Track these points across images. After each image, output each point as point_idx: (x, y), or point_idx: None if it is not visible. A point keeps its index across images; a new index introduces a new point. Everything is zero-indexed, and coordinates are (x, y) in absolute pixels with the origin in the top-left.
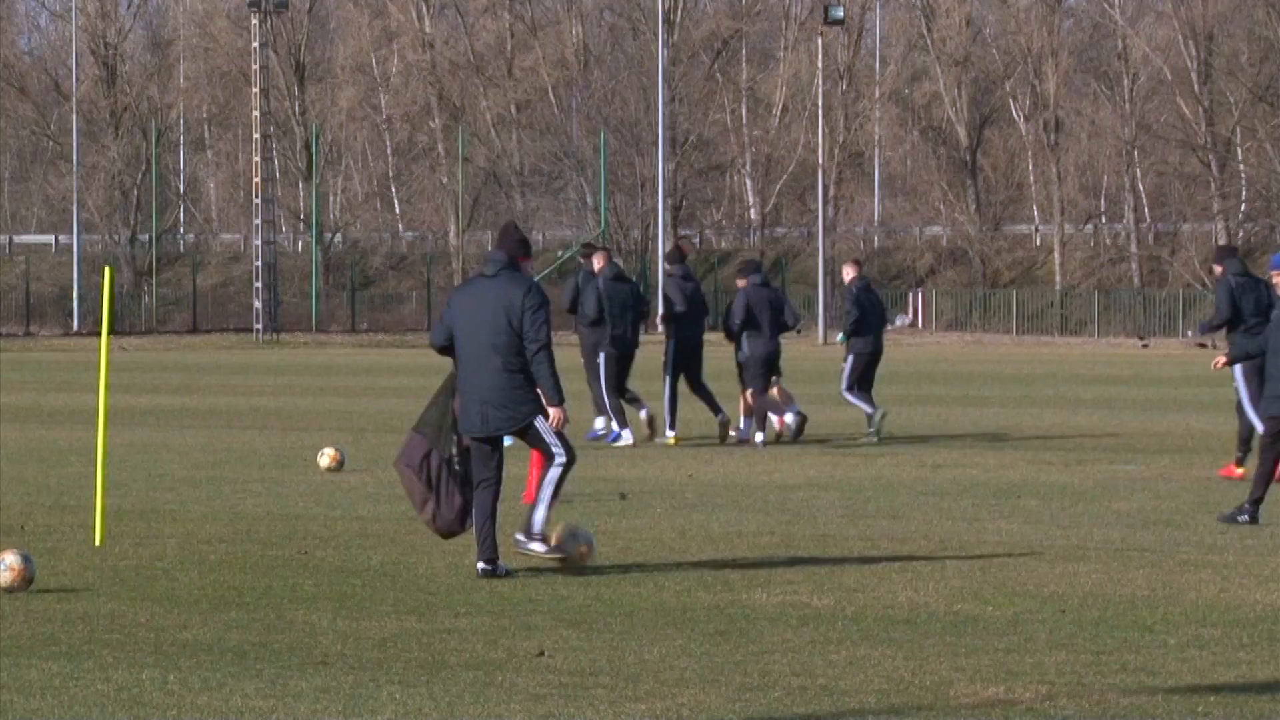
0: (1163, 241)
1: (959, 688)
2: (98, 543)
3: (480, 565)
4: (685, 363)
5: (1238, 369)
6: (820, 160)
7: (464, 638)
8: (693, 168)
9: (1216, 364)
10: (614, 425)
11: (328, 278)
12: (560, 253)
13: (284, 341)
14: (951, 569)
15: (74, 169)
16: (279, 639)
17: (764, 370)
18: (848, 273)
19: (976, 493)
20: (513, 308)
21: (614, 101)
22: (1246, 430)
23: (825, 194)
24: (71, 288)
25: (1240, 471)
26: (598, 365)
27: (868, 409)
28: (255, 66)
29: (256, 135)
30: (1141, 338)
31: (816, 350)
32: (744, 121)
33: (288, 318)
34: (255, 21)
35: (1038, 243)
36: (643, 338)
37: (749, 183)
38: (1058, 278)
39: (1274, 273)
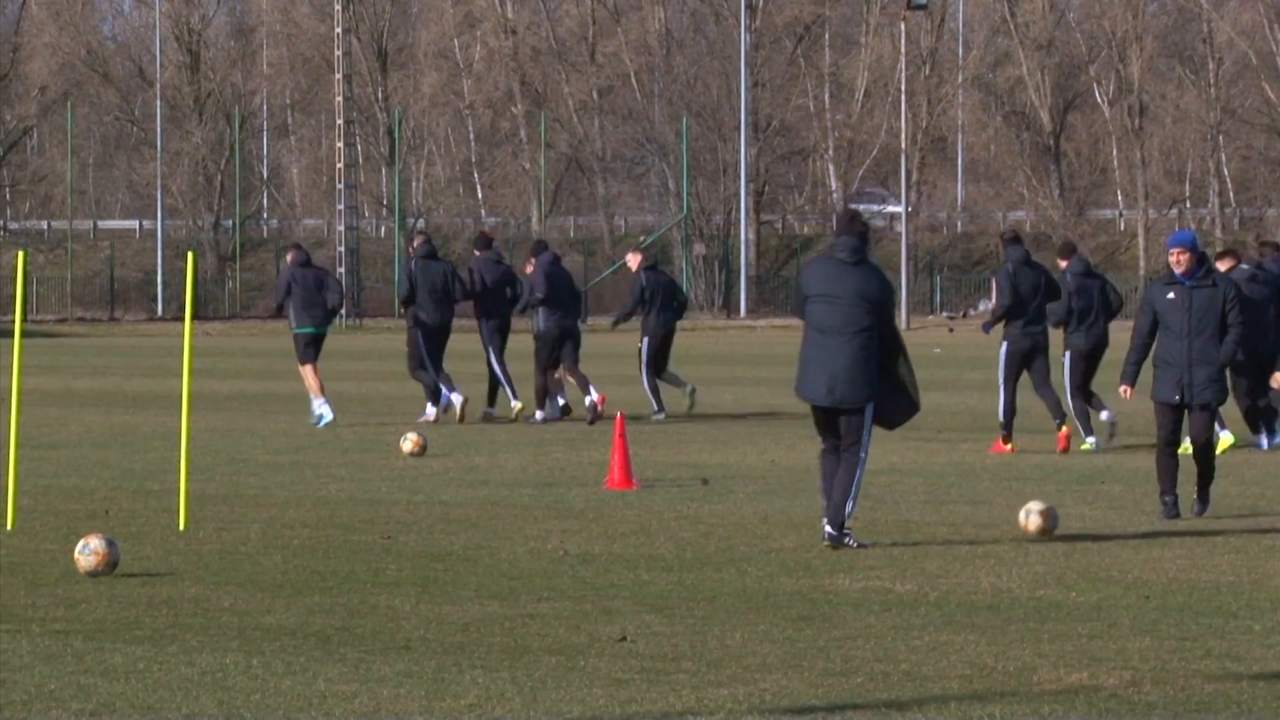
0: (1248, 226)
1: (1042, 674)
2: (181, 527)
3: (827, 531)
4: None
5: (1001, 352)
6: (903, 145)
7: (546, 622)
8: (775, 153)
9: (1125, 394)
10: (448, 392)
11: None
12: (643, 238)
13: (366, 326)
14: (1034, 554)
15: (158, 155)
16: (362, 623)
17: (554, 348)
18: (633, 260)
19: (1060, 478)
20: (872, 297)
21: (696, 87)
22: (1009, 409)
23: (908, 179)
24: (155, 273)
25: (1010, 447)
26: (417, 341)
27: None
28: (338, 53)
29: (339, 121)
30: None
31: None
32: (826, 106)
33: (370, 303)
34: (338, 8)
35: (1122, 227)
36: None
37: (831, 167)
38: (1142, 262)
39: (1173, 250)
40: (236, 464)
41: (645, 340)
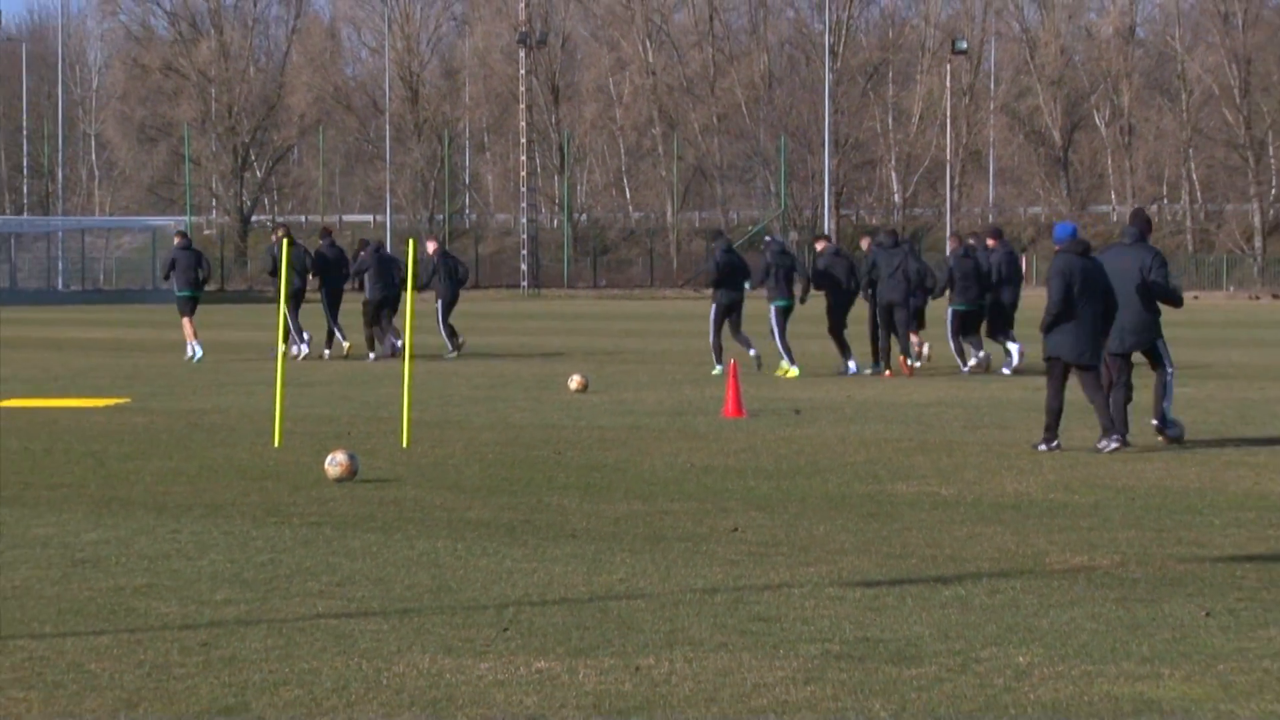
0: (1210, 218)
1: (1052, 557)
2: (404, 445)
3: (1109, 443)
4: (334, 305)
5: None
6: (948, 157)
7: (677, 518)
8: (850, 163)
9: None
10: (298, 341)
11: (576, 247)
12: (750, 228)
13: (543, 295)
14: (1047, 466)
15: (387, 166)
16: (539, 517)
17: (378, 310)
18: (430, 246)
19: (1068, 410)
20: (1144, 266)
21: (791, 113)
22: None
23: (951, 183)
24: None
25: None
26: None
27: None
28: (522, 89)
29: (523, 140)
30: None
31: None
32: (890, 128)
33: (546, 277)
34: (522, 54)
35: (1115, 219)
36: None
37: (893, 174)
38: None
39: (1058, 246)
40: (445, 398)
41: (440, 302)
